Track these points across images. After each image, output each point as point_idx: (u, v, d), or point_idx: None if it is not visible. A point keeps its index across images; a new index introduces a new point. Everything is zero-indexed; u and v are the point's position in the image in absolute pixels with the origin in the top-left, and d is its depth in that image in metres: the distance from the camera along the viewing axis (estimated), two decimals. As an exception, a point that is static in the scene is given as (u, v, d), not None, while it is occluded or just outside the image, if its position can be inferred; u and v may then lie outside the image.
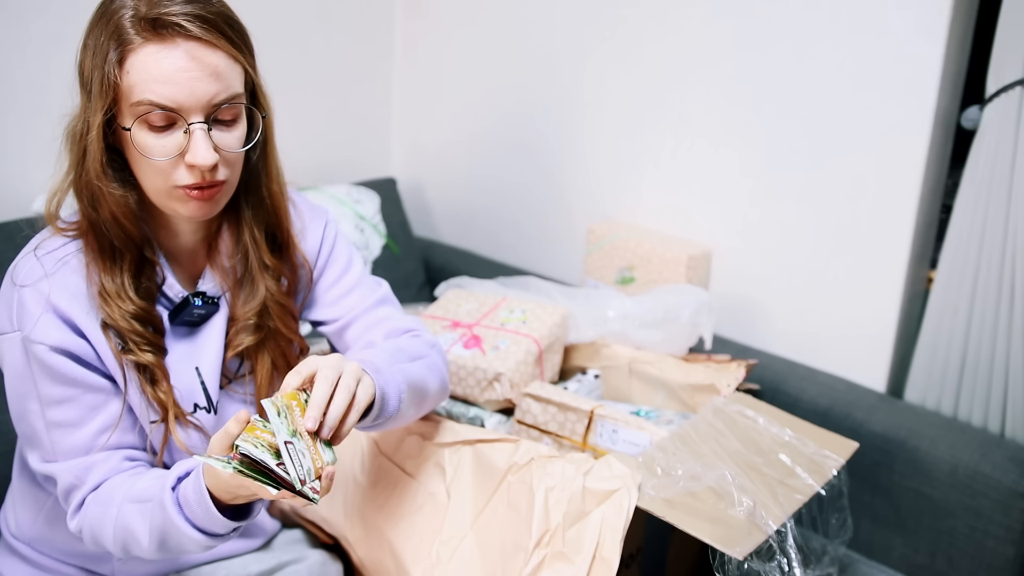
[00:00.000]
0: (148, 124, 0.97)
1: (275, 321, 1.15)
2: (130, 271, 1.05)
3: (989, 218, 1.44)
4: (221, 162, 1.00)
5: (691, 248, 1.72)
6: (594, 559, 1.06)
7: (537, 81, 1.96)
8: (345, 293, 1.24)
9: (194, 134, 0.97)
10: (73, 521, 1.04)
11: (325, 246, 1.24)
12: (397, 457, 1.25)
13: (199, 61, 0.96)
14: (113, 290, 1.03)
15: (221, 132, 1.00)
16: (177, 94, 0.95)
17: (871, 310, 1.58)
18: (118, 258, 1.04)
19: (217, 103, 0.98)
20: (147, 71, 0.95)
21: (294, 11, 1.96)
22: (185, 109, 0.96)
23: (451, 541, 1.16)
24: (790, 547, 1.09)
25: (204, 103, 0.97)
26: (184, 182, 0.99)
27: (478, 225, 2.17)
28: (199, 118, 0.97)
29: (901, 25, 1.45)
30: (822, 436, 1.28)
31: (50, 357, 1.00)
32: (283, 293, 1.16)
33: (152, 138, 0.97)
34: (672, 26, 1.72)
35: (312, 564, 1.23)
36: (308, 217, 1.23)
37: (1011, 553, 1.35)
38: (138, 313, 1.04)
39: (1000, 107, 1.40)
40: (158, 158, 0.98)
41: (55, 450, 1.03)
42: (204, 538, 0.95)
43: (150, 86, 0.95)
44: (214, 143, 0.99)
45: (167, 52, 0.95)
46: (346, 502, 1.26)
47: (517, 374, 1.37)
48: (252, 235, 1.12)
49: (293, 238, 1.18)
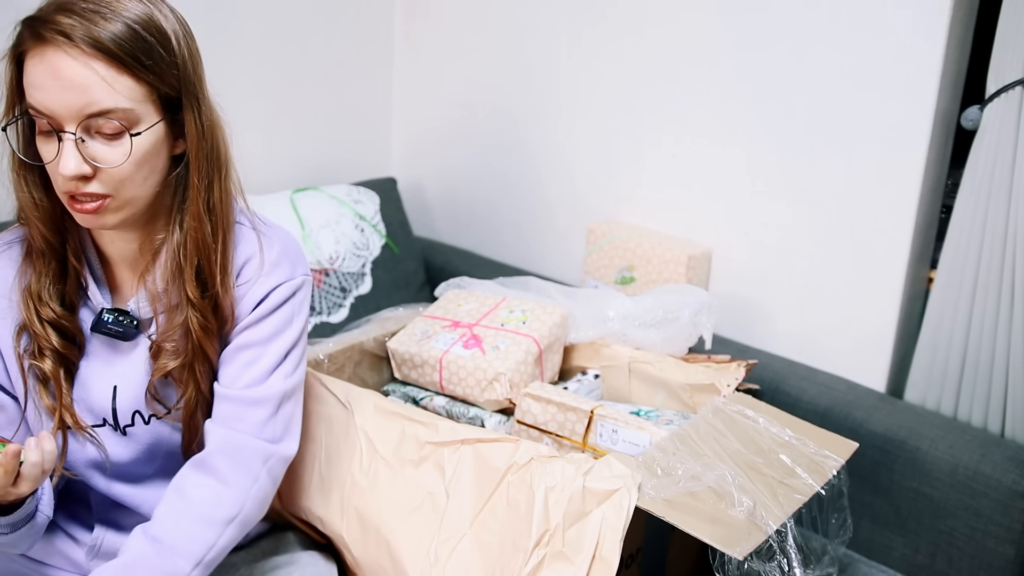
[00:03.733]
0: (38, 128, 0.99)
1: (199, 341, 1.09)
2: (53, 276, 1.06)
3: (989, 218, 1.44)
4: (101, 175, 0.99)
5: (691, 248, 1.72)
6: (594, 559, 1.06)
7: (537, 81, 1.96)
8: (245, 365, 1.11)
9: (63, 144, 0.97)
10: None
11: (262, 307, 1.12)
12: (396, 457, 1.25)
13: (72, 69, 0.94)
14: (36, 291, 1.05)
15: (101, 145, 0.98)
16: (49, 101, 0.95)
17: (871, 310, 1.58)
18: (43, 260, 1.06)
19: (89, 114, 0.96)
20: (29, 76, 0.96)
21: (294, 11, 1.96)
22: (58, 117, 0.96)
23: (450, 541, 1.16)
24: (790, 547, 1.09)
25: (75, 113, 0.96)
26: (64, 189, 0.99)
27: (478, 225, 2.17)
28: (71, 128, 0.96)
29: (901, 25, 1.45)
30: (822, 436, 1.28)
31: None
32: (205, 333, 1.09)
33: (41, 141, 0.99)
34: (671, 25, 1.72)
35: (304, 565, 1.23)
36: (269, 268, 1.12)
37: (1011, 553, 1.35)
38: (54, 320, 1.06)
39: (1000, 107, 1.40)
40: (44, 159, 0.99)
41: None
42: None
43: (31, 91, 0.96)
44: (90, 155, 0.97)
45: (45, 58, 0.95)
46: (343, 502, 1.26)
47: (517, 374, 1.37)
48: (179, 263, 1.07)
49: (219, 284, 1.09)
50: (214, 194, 1.07)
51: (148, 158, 1.01)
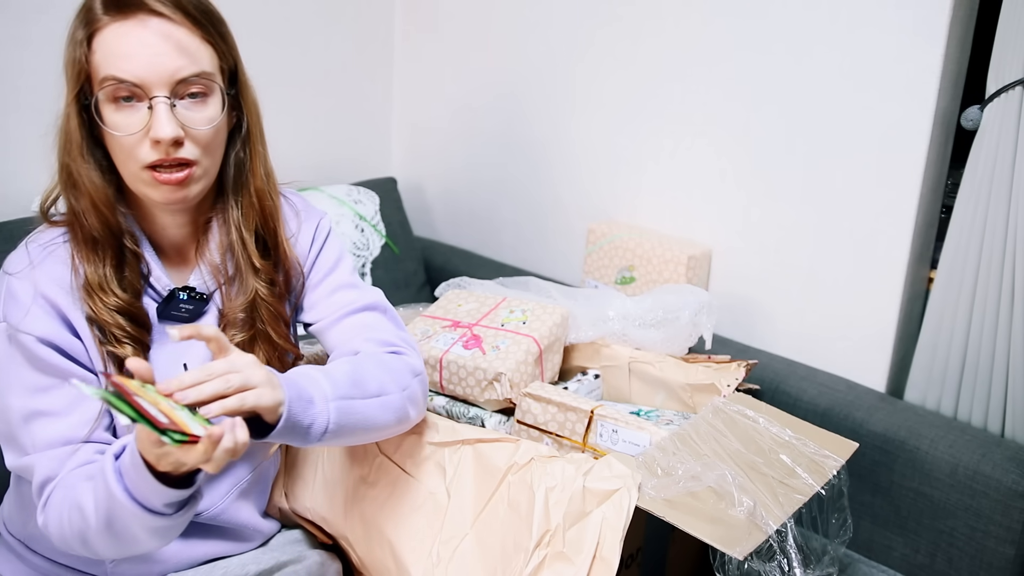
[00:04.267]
0: (115, 101, 0.99)
1: (265, 325, 1.14)
2: (112, 263, 1.05)
3: (989, 218, 1.44)
4: (189, 140, 1.01)
5: (691, 248, 1.72)
6: (594, 559, 1.06)
7: (537, 81, 1.96)
8: (329, 293, 1.22)
9: (156, 108, 0.98)
10: (41, 516, 1.01)
11: (315, 246, 1.23)
12: (397, 456, 1.25)
13: (161, 36, 0.98)
14: (96, 282, 1.04)
15: (188, 110, 1.01)
16: (139, 68, 0.97)
17: (871, 310, 1.58)
18: (100, 249, 1.05)
19: (181, 78, 0.99)
20: (111, 48, 0.97)
21: (294, 11, 1.96)
22: (148, 84, 0.98)
23: (451, 541, 1.16)
24: (790, 547, 1.09)
25: (166, 78, 0.98)
26: (149, 160, 1.00)
27: (478, 225, 2.17)
28: (163, 93, 0.98)
29: (901, 25, 1.45)
30: (822, 436, 1.28)
31: (37, 347, 1.01)
32: (274, 297, 1.15)
33: (119, 115, 0.99)
34: (671, 25, 1.72)
35: (311, 564, 1.22)
36: (304, 217, 1.23)
37: (1011, 553, 1.35)
38: (121, 307, 1.05)
39: (1000, 107, 1.40)
40: (123, 133, 0.99)
41: (33, 441, 1.02)
42: (141, 511, 0.90)
43: (114, 62, 0.97)
44: (180, 119, 0.99)
45: (130, 28, 0.97)
46: (346, 502, 1.26)
47: (517, 374, 1.37)
48: (240, 234, 1.12)
49: (284, 242, 1.17)
50: (268, 163, 1.15)
51: (222, 126, 1.06)
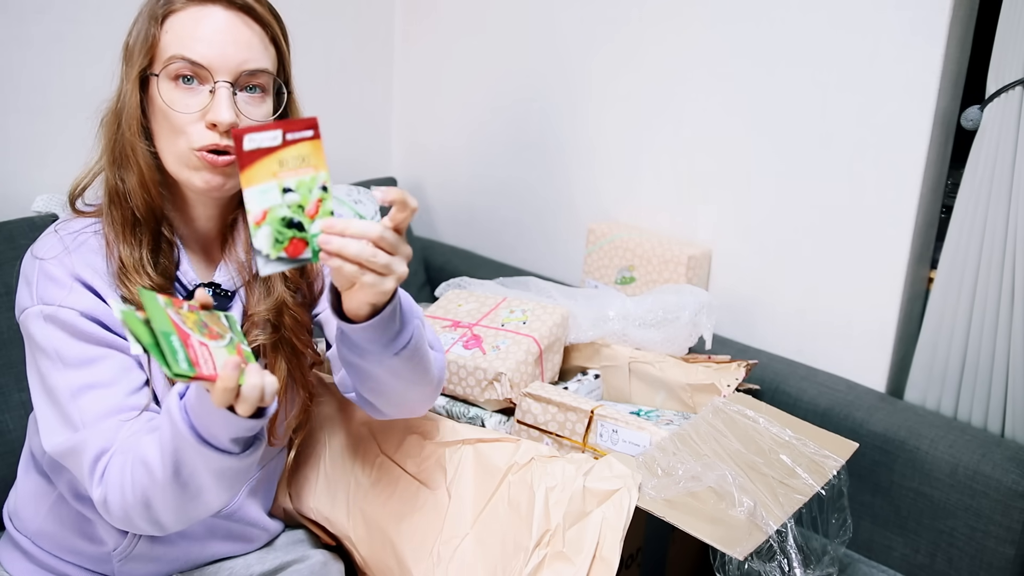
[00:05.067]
0: (175, 79, 1.01)
1: (289, 332, 1.14)
2: (149, 246, 1.06)
3: (989, 218, 1.44)
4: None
5: (691, 248, 1.72)
6: (594, 559, 1.06)
7: (537, 81, 1.96)
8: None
9: (218, 92, 1.00)
10: (99, 489, 0.98)
11: None
12: (398, 456, 1.25)
13: (234, 28, 1.02)
14: (132, 264, 1.04)
15: (247, 102, 1.04)
16: (208, 52, 1.00)
17: (871, 310, 1.58)
18: (138, 232, 1.06)
19: (246, 70, 1.02)
20: (184, 29, 1.00)
21: (294, 11, 1.95)
22: (214, 68, 1.00)
23: (452, 540, 1.16)
24: (790, 547, 1.09)
25: (233, 66, 1.01)
26: (200, 143, 1.01)
27: (478, 225, 2.17)
28: (226, 79, 1.01)
29: (901, 25, 1.45)
30: (822, 436, 1.28)
31: (81, 322, 1.01)
32: (298, 305, 1.15)
33: (178, 93, 1.01)
34: (673, 27, 1.72)
35: (314, 564, 1.22)
36: None
37: (1011, 553, 1.35)
38: (155, 289, 1.04)
39: (1000, 107, 1.40)
40: (180, 110, 1.00)
41: (83, 416, 1.00)
42: (207, 449, 0.90)
43: (185, 43, 1.00)
44: (237, 108, 1.02)
45: (206, 15, 1.01)
46: (348, 502, 1.26)
47: (517, 374, 1.37)
48: None
49: None
50: None
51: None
